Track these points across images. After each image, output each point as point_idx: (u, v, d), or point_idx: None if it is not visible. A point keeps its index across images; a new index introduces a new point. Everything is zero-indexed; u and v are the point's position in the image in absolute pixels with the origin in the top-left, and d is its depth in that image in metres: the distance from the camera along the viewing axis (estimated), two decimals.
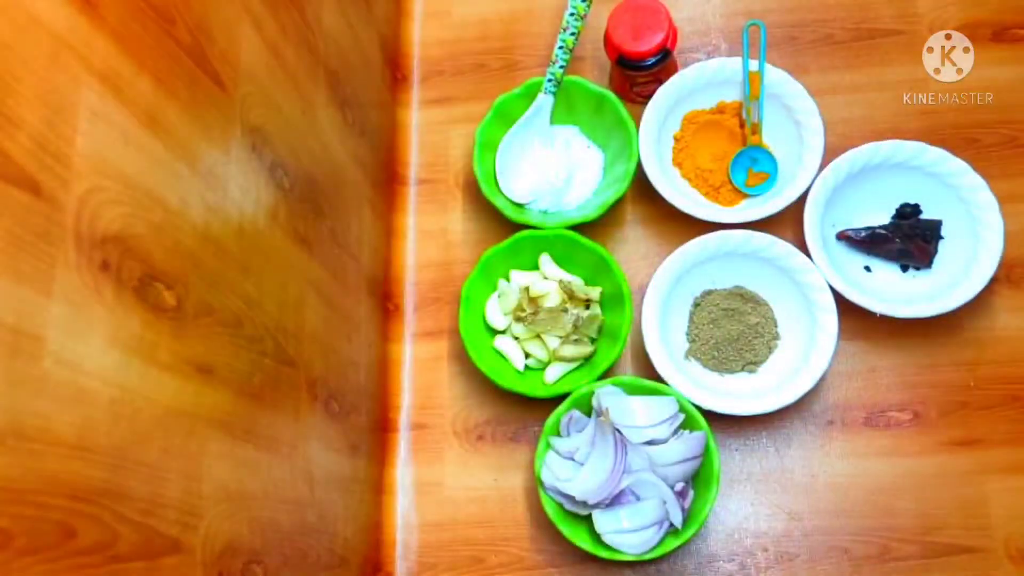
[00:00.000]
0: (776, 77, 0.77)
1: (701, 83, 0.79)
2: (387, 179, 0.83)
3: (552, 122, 0.82)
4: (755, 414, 0.70)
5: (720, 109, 0.80)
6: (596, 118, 0.81)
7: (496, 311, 0.77)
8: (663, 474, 0.67)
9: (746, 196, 0.79)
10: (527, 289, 0.75)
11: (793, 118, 0.77)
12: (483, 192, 0.78)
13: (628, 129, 0.77)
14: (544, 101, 0.80)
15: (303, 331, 0.60)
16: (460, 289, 0.76)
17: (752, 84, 0.77)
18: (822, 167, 0.74)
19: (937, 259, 0.75)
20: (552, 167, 0.79)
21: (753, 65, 0.78)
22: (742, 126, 0.79)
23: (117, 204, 0.39)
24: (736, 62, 0.78)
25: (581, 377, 0.74)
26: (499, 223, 0.81)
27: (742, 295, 0.76)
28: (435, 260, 0.83)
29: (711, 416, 0.70)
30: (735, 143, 0.80)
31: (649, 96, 0.79)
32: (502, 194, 0.80)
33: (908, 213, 0.76)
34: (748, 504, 0.73)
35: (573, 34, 0.78)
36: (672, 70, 0.80)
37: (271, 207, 0.56)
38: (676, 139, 0.81)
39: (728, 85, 0.79)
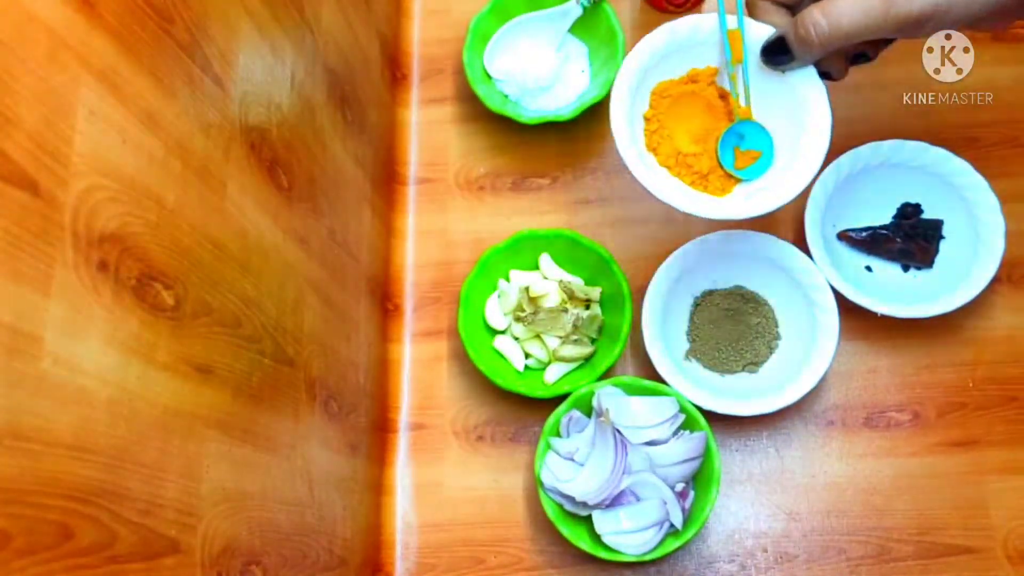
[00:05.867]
0: (762, 33, 0.59)
1: (672, 48, 0.62)
2: (386, 178, 0.83)
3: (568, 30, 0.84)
4: (755, 414, 0.70)
5: (692, 78, 0.63)
6: (602, 47, 0.83)
7: (496, 311, 0.77)
8: (663, 475, 0.67)
9: (739, 180, 0.62)
10: (527, 289, 0.75)
11: (788, 83, 0.61)
12: (467, 78, 0.81)
13: (617, 62, 0.78)
14: (573, 10, 0.82)
15: (302, 331, 0.60)
16: (460, 289, 0.76)
17: (733, 45, 0.60)
18: (823, 167, 0.74)
19: (938, 259, 0.75)
20: (544, 66, 0.82)
21: (732, 22, 0.60)
22: (722, 97, 0.63)
23: (115, 203, 0.38)
24: (711, 19, 0.61)
25: (581, 377, 0.74)
26: (499, 222, 0.81)
27: (742, 295, 0.76)
28: (435, 260, 0.83)
29: (711, 416, 0.70)
30: (716, 118, 0.63)
31: (683, 5, 0.79)
32: (487, 77, 0.83)
33: (909, 213, 0.76)
34: (748, 504, 0.73)
35: None
36: None
37: (270, 206, 0.56)
38: (647, 119, 0.63)
39: (702, 47, 0.62)
